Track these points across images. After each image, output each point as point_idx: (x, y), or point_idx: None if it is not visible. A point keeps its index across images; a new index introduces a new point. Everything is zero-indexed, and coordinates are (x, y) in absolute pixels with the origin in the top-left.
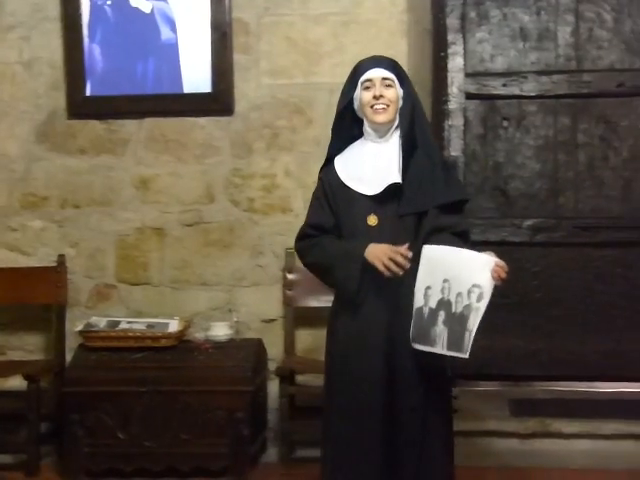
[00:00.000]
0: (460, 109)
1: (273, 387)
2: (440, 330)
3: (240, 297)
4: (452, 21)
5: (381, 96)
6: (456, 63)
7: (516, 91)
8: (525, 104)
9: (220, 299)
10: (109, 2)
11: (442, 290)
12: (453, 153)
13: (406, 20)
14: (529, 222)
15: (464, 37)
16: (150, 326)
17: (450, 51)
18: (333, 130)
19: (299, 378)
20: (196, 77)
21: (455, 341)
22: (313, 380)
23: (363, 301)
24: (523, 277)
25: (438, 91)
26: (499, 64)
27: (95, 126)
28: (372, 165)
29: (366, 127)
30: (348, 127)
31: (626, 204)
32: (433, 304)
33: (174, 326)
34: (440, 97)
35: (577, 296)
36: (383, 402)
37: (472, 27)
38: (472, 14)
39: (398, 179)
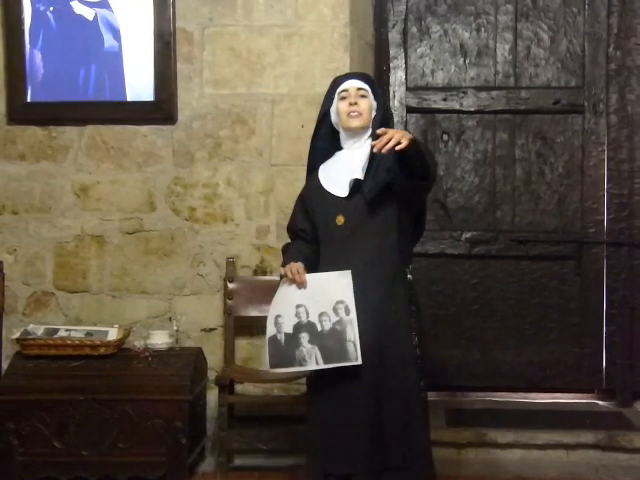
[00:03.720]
0: (401, 122)
1: (212, 396)
2: (308, 350)
3: (180, 306)
4: (394, 36)
5: (355, 103)
6: (398, 77)
7: (456, 106)
8: (464, 119)
9: (160, 307)
10: (52, 9)
11: (297, 315)
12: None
13: (349, 34)
14: (467, 235)
15: (406, 52)
16: (89, 334)
17: (392, 65)
18: (311, 143)
19: (238, 387)
20: (139, 85)
21: (335, 354)
22: (252, 389)
23: None
24: (461, 289)
25: None
26: (439, 79)
27: (35, 132)
28: (345, 169)
29: (342, 135)
30: (328, 140)
31: (561, 219)
32: (288, 329)
33: (113, 334)
34: None
35: (513, 308)
36: (369, 384)
37: (413, 42)
38: (413, 29)
39: (359, 175)
